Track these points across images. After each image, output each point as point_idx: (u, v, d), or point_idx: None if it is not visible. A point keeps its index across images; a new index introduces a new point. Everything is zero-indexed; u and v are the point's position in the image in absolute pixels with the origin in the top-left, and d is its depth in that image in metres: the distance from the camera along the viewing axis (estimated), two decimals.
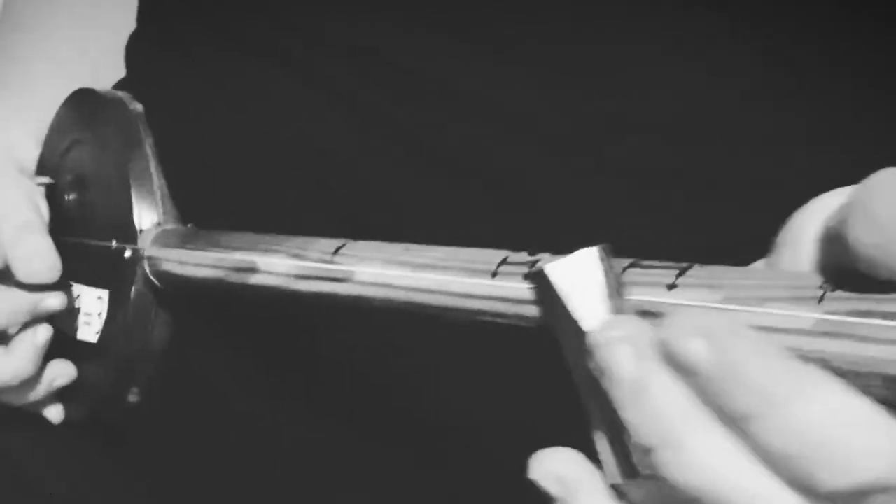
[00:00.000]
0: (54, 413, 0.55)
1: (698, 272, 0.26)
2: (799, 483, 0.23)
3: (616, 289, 0.25)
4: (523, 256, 0.31)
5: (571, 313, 0.25)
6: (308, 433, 0.49)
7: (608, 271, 0.25)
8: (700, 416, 0.24)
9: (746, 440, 0.23)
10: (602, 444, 0.26)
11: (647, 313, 0.27)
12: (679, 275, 0.26)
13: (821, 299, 0.23)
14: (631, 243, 0.39)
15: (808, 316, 0.23)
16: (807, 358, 0.23)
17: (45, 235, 0.51)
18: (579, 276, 0.25)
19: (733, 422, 0.23)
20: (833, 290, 0.23)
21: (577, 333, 0.25)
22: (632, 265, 0.28)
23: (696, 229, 0.39)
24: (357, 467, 0.48)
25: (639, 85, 0.39)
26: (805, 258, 0.26)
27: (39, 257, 0.50)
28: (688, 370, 0.23)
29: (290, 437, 0.50)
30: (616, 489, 0.26)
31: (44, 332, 0.52)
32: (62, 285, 0.52)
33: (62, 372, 0.54)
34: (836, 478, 0.22)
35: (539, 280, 0.25)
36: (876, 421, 0.23)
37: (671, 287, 0.26)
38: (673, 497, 0.25)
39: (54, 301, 0.51)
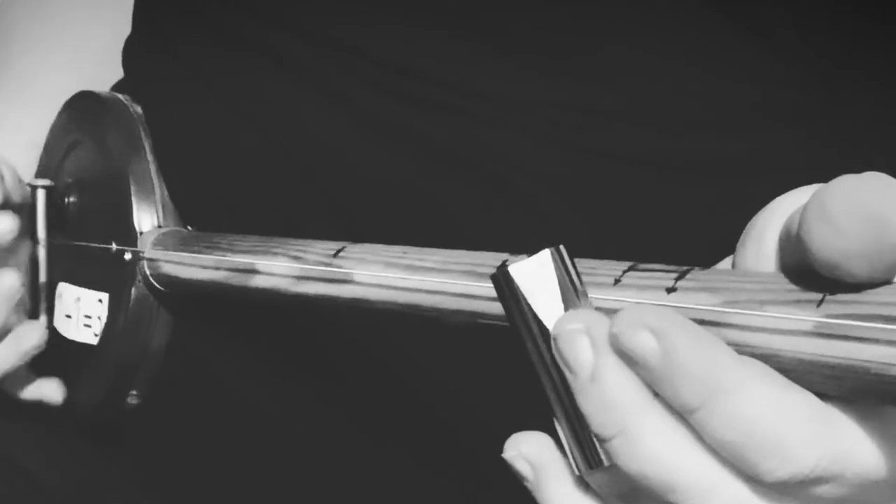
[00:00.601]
0: (53, 393, 0.55)
1: (697, 275, 0.26)
2: (744, 473, 0.24)
3: (572, 287, 0.26)
4: (523, 259, 0.31)
5: (534, 311, 0.26)
6: (309, 432, 0.49)
7: (562, 270, 0.26)
8: (651, 407, 0.24)
9: (695, 431, 0.24)
10: (564, 436, 0.26)
11: None
12: (678, 278, 0.26)
13: (820, 302, 0.23)
14: (632, 239, 0.39)
15: (808, 319, 0.23)
16: (806, 361, 0.23)
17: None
18: (540, 276, 0.26)
19: (682, 413, 0.24)
20: (833, 294, 0.23)
21: (541, 330, 0.26)
22: (631, 268, 0.28)
23: (697, 225, 0.39)
24: (358, 464, 0.48)
25: (639, 82, 0.39)
26: (768, 258, 0.26)
27: None
28: (637, 363, 0.24)
29: (290, 436, 0.50)
30: (580, 478, 0.27)
31: (10, 279, 0.51)
32: (51, 288, 0.51)
33: (31, 333, 0.53)
34: (777, 468, 0.23)
35: (504, 280, 0.26)
36: (813, 413, 0.23)
37: (670, 290, 0.26)
38: (628, 485, 0.26)
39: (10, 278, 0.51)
